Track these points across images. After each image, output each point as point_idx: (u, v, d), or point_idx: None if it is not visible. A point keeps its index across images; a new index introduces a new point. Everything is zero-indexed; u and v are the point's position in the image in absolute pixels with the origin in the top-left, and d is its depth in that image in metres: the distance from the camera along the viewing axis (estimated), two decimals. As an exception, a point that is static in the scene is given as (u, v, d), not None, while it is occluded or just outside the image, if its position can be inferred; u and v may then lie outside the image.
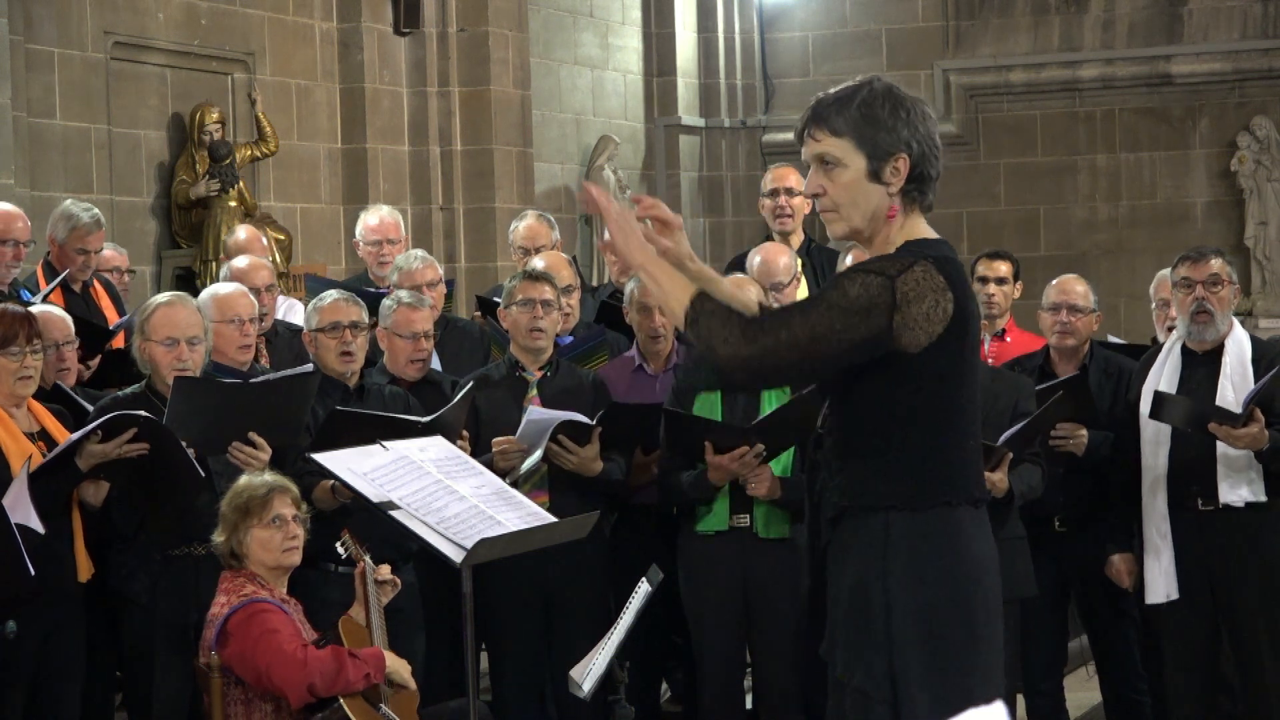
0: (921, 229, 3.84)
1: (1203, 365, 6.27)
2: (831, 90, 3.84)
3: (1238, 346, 6.25)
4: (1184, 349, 6.33)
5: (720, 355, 3.70)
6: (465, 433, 6.16)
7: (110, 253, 8.06)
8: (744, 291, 4.17)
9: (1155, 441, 6.25)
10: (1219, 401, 6.16)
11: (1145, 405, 6.25)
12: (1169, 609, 6.25)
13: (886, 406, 3.78)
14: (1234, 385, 6.18)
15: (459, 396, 6.15)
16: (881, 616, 3.78)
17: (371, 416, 5.96)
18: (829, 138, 3.79)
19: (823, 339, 3.69)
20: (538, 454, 6.21)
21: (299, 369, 6.16)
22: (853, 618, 3.84)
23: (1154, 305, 7.12)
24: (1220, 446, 6.15)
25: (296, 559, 5.51)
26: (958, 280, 3.76)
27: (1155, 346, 6.57)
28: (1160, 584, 6.21)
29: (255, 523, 5.40)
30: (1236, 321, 6.38)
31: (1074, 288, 6.78)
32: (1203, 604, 6.24)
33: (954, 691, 3.72)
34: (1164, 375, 6.30)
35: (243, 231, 8.51)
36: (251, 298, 6.56)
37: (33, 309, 6.02)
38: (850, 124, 3.77)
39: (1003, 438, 6.04)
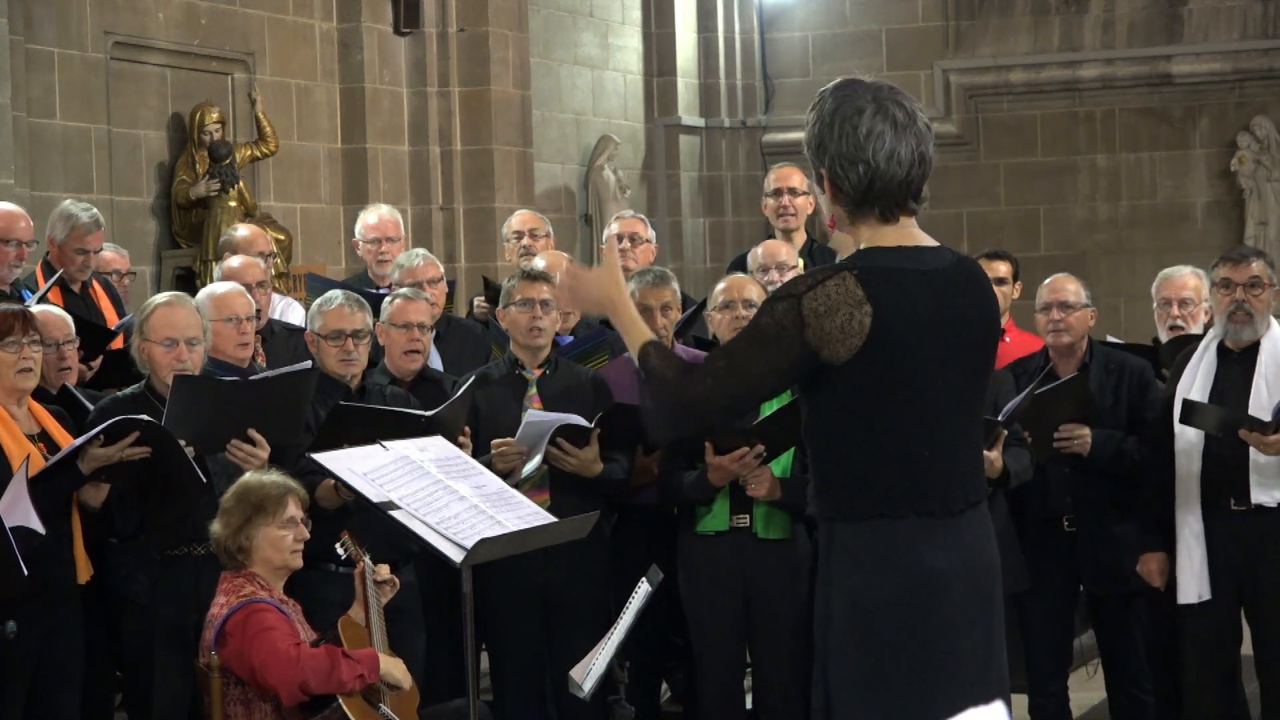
0: (884, 237, 3.78)
1: (1237, 364, 6.25)
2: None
3: (1274, 346, 6.22)
4: (1220, 347, 6.32)
5: (655, 396, 3.82)
6: (466, 429, 6.17)
7: (111, 254, 8.05)
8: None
9: (1189, 441, 6.23)
10: (1252, 400, 6.13)
11: (1179, 405, 6.23)
12: (1195, 608, 6.23)
13: (822, 418, 3.78)
14: (1268, 385, 6.16)
15: (460, 392, 6.16)
16: (823, 626, 3.79)
17: (374, 411, 5.99)
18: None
19: (747, 376, 3.75)
20: (538, 457, 6.22)
21: (297, 366, 6.17)
22: (814, 624, 3.87)
23: (1155, 305, 7.11)
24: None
25: (300, 561, 5.52)
26: (886, 291, 3.69)
27: (1192, 344, 6.51)
28: (1192, 584, 6.19)
29: (269, 521, 5.40)
30: (1275, 321, 6.35)
31: (1065, 285, 6.77)
32: (1228, 605, 6.23)
33: (894, 705, 3.68)
34: (1199, 373, 6.27)
35: (243, 229, 8.50)
36: (248, 296, 6.57)
37: (33, 308, 6.02)
38: (805, 133, 3.86)
39: (1003, 412, 6.05)
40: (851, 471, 3.75)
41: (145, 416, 5.51)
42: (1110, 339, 7.48)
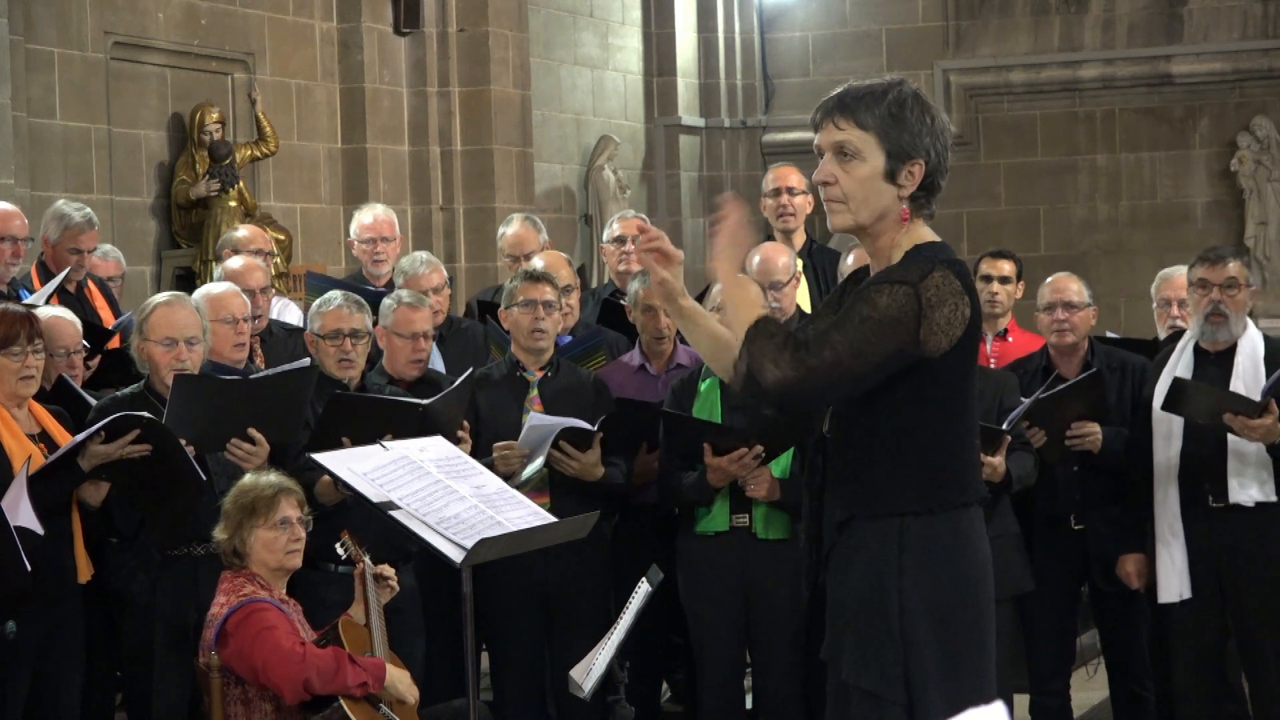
0: (927, 234, 3.87)
1: (1215, 364, 6.26)
2: (862, 83, 3.85)
3: (1251, 346, 6.24)
4: (1196, 348, 6.31)
5: (769, 380, 3.74)
6: (466, 423, 6.17)
7: (98, 260, 8.04)
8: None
9: (1167, 438, 6.24)
10: None
11: (1159, 403, 6.24)
12: (1178, 607, 6.23)
13: (909, 412, 3.79)
14: (1246, 385, 6.17)
15: (457, 383, 6.16)
16: (896, 619, 3.79)
17: (371, 400, 6.01)
18: (853, 129, 3.79)
19: (861, 354, 3.71)
20: (539, 460, 6.21)
21: (297, 364, 6.18)
22: (864, 621, 3.84)
23: (1155, 304, 7.10)
24: (1231, 443, 6.13)
25: (298, 561, 5.52)
26: (970, 284, 3.81)
27: (1169, 346, 6.54)
28: (1174, 583, 6.20)
29: (261, 523, 5.41)
30: (1251, 322, 6.36)
31: (1068, 285, 6.77)
32: (1211, 602, 6.23)
33: (968, 692, 3.73)
34: (1176, 374, 6.28)
35: (243, 229, 8.48)
36: (244, 297, 6.58)
37: (43, 314, 6.01)
38: (878, 120, 3.78)
39: (1008, 420, 6.06)
40: (935, 464, 3.80)
41: (146, 414, 5.51)
42: (1109, 334, 7.48)
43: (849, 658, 3.86)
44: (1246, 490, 6.16)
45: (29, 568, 5.18)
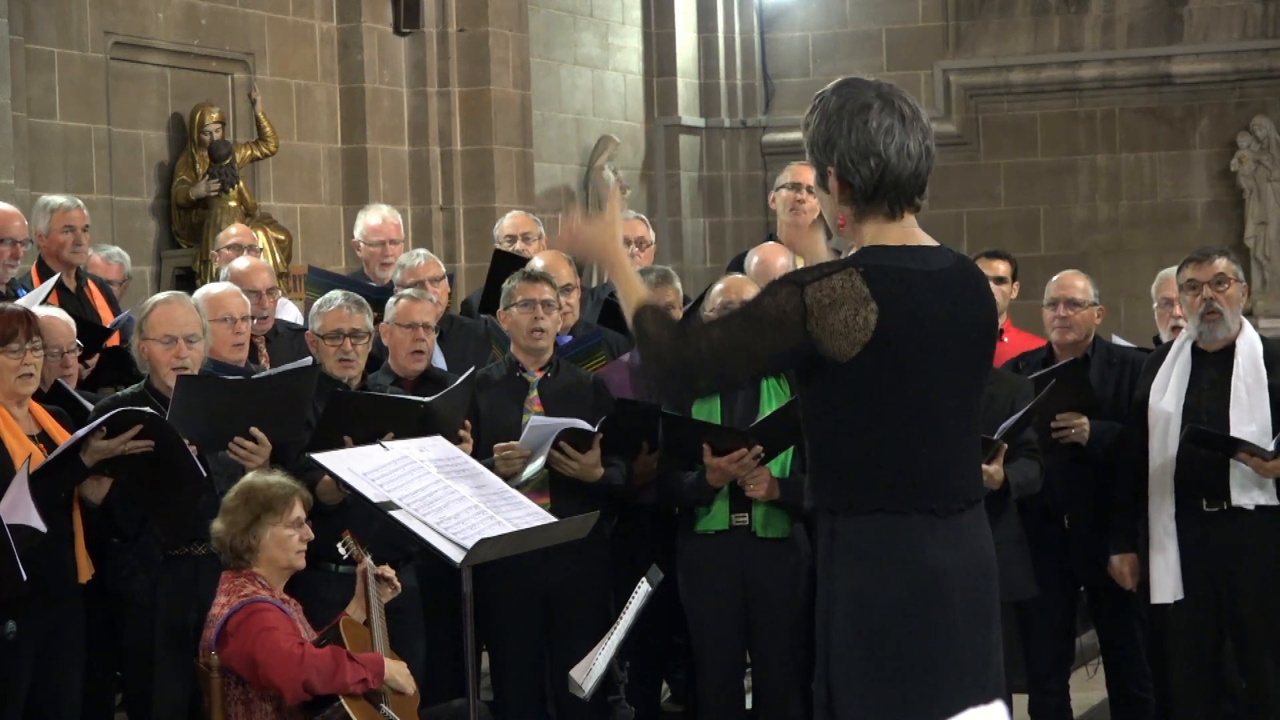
0: (888, 236, 3.79)
1: (1213, 365, 6.25)
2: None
3: (1249, 347, 6.23)
4: (1193, 349, 6.31)
5: (648, 355, 3.82)
6: (467, 422, 6.17)
7: (99, 259, 8.04)
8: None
9: (1164, 440, 6.23)
10: (1233, 403, 6.14)
11: (1155, 403, 6.24)
12: (1174, 608, 6.24)
13: (825, 412, 3.78)
14: (1247, 387, 6.16)
15: (459, 381, 6.16)
16: (824, 620, 3.79)
17: (373, 398, 6.02)
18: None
19: (738, 350, 3.76)
20: (540, 460, 6.21)
21: (299, 363, 6.19)
22: (817, 621, 3.87)
23: (1155, 305, 7.11)
24: None
25: (303, 563, 5.52)
26: (891, 290, 3.69)
27: (1163, 345, 6.55)
28: (1167, 584, 6.19)
29: (278, 521, 5.41)
30: (1246, 321, 6.36)
31: (1073, 282, 6.78)
32: (1207, 604, 6.23)
33: (897, 703, 3.68)
34: (1174, 376, 6.27)
35: (233, 229, 8.49)
36: (244, 297, 6.59)
37: (37, 313, 6.01)
38: (805, 131, 3.85)
39: (999, 430, 6.05)
40: (852, 465, 3.76)
41: (148, 409, 5.51)
42: (1116, 340, 7.48)
43: None
44: (1249, 494, 6.16)
45: (24, 576, 5.17)
